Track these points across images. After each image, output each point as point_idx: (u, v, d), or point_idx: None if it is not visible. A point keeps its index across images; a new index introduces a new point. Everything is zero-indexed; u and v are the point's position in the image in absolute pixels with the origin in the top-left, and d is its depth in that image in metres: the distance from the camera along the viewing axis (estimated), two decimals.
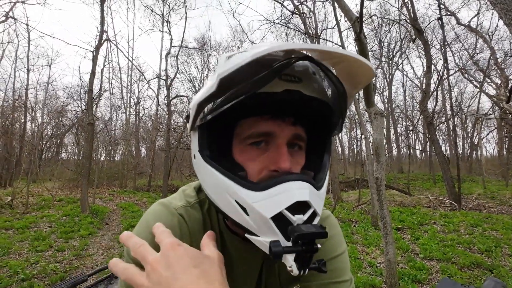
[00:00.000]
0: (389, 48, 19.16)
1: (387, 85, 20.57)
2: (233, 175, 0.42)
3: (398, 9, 9.74)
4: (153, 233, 0.48)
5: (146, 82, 15.86)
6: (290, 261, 0.38)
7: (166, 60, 13.15)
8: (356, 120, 17.25)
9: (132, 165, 15.99)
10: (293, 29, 10.14)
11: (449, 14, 10.46)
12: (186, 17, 13.27)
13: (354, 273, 3.34)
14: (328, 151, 0.51)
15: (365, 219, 6.06)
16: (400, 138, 22.31)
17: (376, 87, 18.15)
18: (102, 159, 17.29)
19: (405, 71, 21.53)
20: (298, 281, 0.61)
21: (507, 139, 14.22)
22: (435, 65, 12.00)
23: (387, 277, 2.51)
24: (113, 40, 12.42)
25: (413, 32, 8.72)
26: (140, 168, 17.31)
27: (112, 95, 18.41)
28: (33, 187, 9.95)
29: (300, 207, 0.39)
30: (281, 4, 9.34)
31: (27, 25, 12.20)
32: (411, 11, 8.05)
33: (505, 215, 6.25)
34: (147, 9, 14.70)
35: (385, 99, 20.81)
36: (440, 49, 10.74)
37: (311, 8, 10.00)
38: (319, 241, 0.58)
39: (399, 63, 19.90)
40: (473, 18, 12.03)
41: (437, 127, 14.45)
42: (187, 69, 19.49)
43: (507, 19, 3.05)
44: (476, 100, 15.87)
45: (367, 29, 16.07)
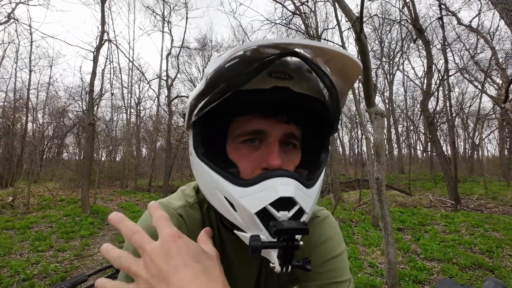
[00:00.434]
0: (390, 48, 19.15)
1: (387, 85, 20.55)
2: (224, 171, 0.42)
3: (399, 10, 9.74)
4: (153, 225, 0.48)
5: (146, 82, 15.90)
6: (273, 257, 0.38)
7: (167, 60, 13.18)
8: (356, 120, 17.24)
9: (133, 166, 16.01)
10: (294, 29, 10.14)
11: (450, 14, 10.44)
12: (187, 18, 13.30)
13: (354, 274, 3.33)
14: (325, 150, 0.51)
15: (365, 219, 6.05)
16: (401, 138, 22.28)
17: (376, 87, 18.13)
18: (103, 159, 17.31)
19: (405, 71, 21.51)
20: (297, 281, 0.61)
21: (508, 139, 14.19)
22: (436, 65, 11.98)
23: (388, 277, 2.51)
24: (113, 40, 12.45)
25: (414, 32, 8.71)
26: (141, 168, 17.33)
27: (113, 95, 18.44)
28: (34, 187, 9.97)
29: (285, 203, 0.39)
30: (282, 4, 9.35)
31: (30, 27, 12.26)
32: (412, 11, 8.04)
33: (507, 215, 6.23)
34: (147, 9, 14.73)
35: (386, 99, 20.78)
36: (441, 49, 10.71)
37: (312, 8, 9.99)
38: (316, 241, 0.59)
39: (400, 63, 19.88)
40: (474, 18, 12.08)
41: (438, 127, 14.43)
42: (188, 70, 19.50)
43: (508, 19, 3.05)
44: (477, 100, 15.84)
45: (367, 29, 16.08)
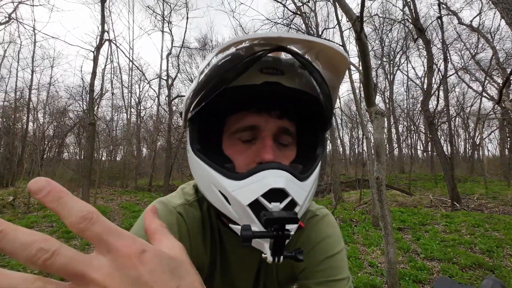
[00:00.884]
0: (391, 47, 19.13)
1: (388, 85, 20.53)
2: (219, 167, 0.43)
3: (400, 10, 9.73)
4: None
5: (147, 82, 15.91)
6: (266, 248, 0.39)
7: (167, 60, 13.19)
8: (357, 120, 17.23)
9: (133, 165, 16.03)
10: (295, 29, 10.14)
11: (451, 13, 10.42)
12: (187, 17, 13.30)
13: (354, 273, 3.33)
14: (320, 146, 0.51)
15: (366, 219, 6.05)
16: (401, 138, 22.26)
17: (377, 87, 18.10)
18: (103, 159, 17.32)
19: (404, 71, 21.48)
20: (295, 279, 0.62)
21: (509, 139, 14.17)
22: (436, 64, 11.97)
23: (388, 277, 2.51)
24: (113, 40, 12.46)
25: (414, 31, 8.70)
26: (141, 168, 17.35)
27: (113, 95, 18.45)
28: None
29: (277, 195, 0.40)
30: (283, 5, 9.35)
31: (34, 28, 12.31)
32: (413, 11, 8.03)
33: (507, 215, 6.22)
34: (148, 9, 14.73)
35: (387, 99, 20.76)
36: (441, 48, 10.70)
37: (312, 7, 9.99)
38: (315, 240, 0.59)
39: (401, 63, 19.86)
40: (475, 17, 12.03)
41: (439, 127, 14.42)
42: (189, 69, 19.46)
43: (509, 18, 3.04)
44: (478, 99, 15.82)
45: (368, 28, 16.05)
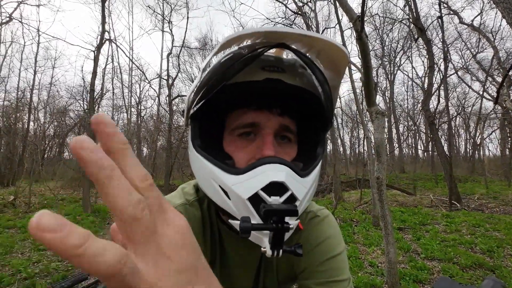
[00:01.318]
0: (391, 47, 19.10)
1: (389, 85, 20.50)
2: (218, 162, 0.43)
3: (401, 9, 9.72)
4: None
5: (147, 82, 15.90)
6: (265, 242, 0.39)
7: (167, 60, 13.19)
8: (357, 119, 17.21)
9: None
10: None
11: (452, 13, 10.40)
12: (188, 17, 13.29)
13: (355, 273, 3.33)
14: (321, 145, 0.51)
15: (366, 219, 6.04)
16: (402, 137, 22.23)
17: (377, 87, 18.08)
18: None
19: (405, 71, 21.47)
20: (296, 279, 0.62)
21: (509, 139, 14.14)
22: (437, 64, 11.95)
23: (388, 277, 2.50)
24: (114, 40, 12.46)
25: (415, 31, 8.69)
26: None
27: (114, 95, 18.46)
28: (35, 186, 10.00)
29: (276, 189, 0.40)
30: (285, 5, 9.35)
31: (38, 30, 12.37)
32: (414, 10, 8.02)
33: (508, 215, 6.20)
34: (148, 9, 14.72)
35: (387, 99, 20.74)
36: (442, 48, 10.69)
37: (313, 7, 9.97)
38: (316, 240, 0.59)
39: (401, 63, 19.83)
40: (476, 17, 11.98)
41: (439, 127, 14.40)
42: (189, 69, 19.47)
43: (510, 18, 3.03)
44: (479, 99, 15.77)
45: (369, 28, 16.02)
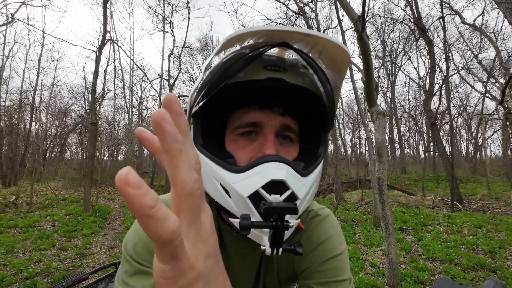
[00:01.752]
0: (393, 48, 19.07)
1: (390, 85, 20.46)
2: (220, 160, 0.44)
3: (402, 9, 9.70)
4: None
5: (148, 82, 15.92)
6: (264, 240, 0.39)
7: (168, 60, 13.21)
8: (358, 120, 17.18)
9: (135, 165, 16.05)
10: None
11: (454, 13, 10.37)
12: (188, 18, 13.31)
13: (356, 274, 3.32)
14: (323, 145, 0.51)
15: (367, 219, 6.03)
16: (403, 138, 22.18)
17: (378, 87, 18.04)
18: (105, 158, 17.41)
19: (406, 72, 21.42)
20: (296, 279, 0.61)
21: (511, 139, 14.08)
22: (438, 65, 11.92)
23: (389, 277, 2.50)
24: (115, 40, 12.50)
25: (416, 31, 8.67)
26: (143, 168, 17.39)
27: (115, 95, 18.51)
28: (37, 186, 10.03)
29: (277, 187, 0.40)
30: (286, 6, 9.36)
31: (43, 32, 12.49)
32: (415, 10, 8.00)
33: (510, 216, 6.18)
34: (150, 10, 14.76)
35: (388, 99, 20.70)
36: (443, 49, 10.67)
37: (313, 8, 9.97)
38: (317, 240, 0.59)
39: (402, 63, 19.79)
40: (477, 17, 11.91)
41: (441, 128, 14.34)
42: (190, 70, 19.52)
43: None
44: (482, 100, 15.71)
45: (370, 28, 16.02)
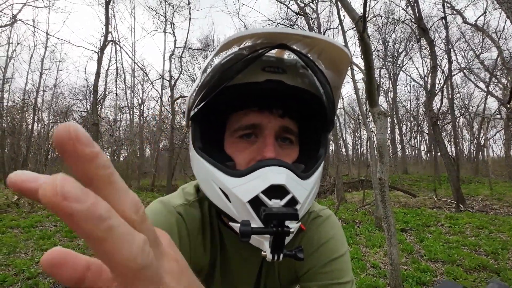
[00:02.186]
0: (394, 48, 19.03)
1: (391, 85, 20.42)
2: (219, 164, 0.43)
3: (403, 9, 9.68)
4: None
5: (150, 82, 15.96)
6: (265, 246, 0.39)
7: (170, 61, 13.25)
8: (360, 120, 17.14)
9: (136, 165, 16.10)
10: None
11: (455, 13, 10.34)
12: (190, 18, 13.35)
13: (357, 275, 3.31)
14: (323, 146, 0.51)
15: (368, 220, 6.01)
16: (405, 138, 22.11)
17: (380, 87, 18.01)
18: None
19: (408, 72, 21.36)
20: (297, 281, 0.61)
21: None
22: (439, 65, 11.89)
23: (391, 278, 2.49)
24: (117, 41, 12.55)
25: (418, 31, 8.65)
26: (144, 168, 17.43)
27: (117, 96, 18.57)
28: None
29: (277, 192, 0.40)
30: (286, 6, 9.36)
31: (47, 33, 12.58)
32: (416, 10, 7.99)
33: None
34: (151, 10, 14.81)
35: (390, 99, 20.66)
36: (445, 49, 10.63)
37: (314, 8, 9.97)
38: (318, 241, 0.59)
39: (404, 64, 19.75)
40: (479, 17, 11.87)
41: (443, 128, 14.31)
42: (191, 70, 19.53)
43: None
44: (484, 100, 15.65)
45: (371, 29, 15.99)
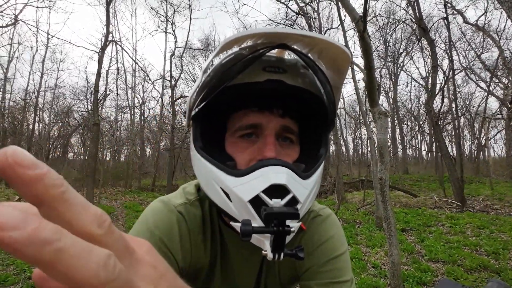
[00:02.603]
0: (395, 47, 19.01)
1: (392, 85, 20.40)
2: (220, 163, 0.44)
3: (404, 10, 9.67)
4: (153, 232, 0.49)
5: (150, 82, 16.00)
6: (266, 245, 0.39)
7: (170, 61, 13.26)
8: (360, 120, 17.12)
9: (137, 165, 16.12)
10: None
11: (456, 13, 10.32)
12: (190, 19, 13.37)
13: (358, 275, 3.31)
14: (323, 146, 0.51)
15: (369, 220, 6.01)
16: (405, 138, 22.09)
17: (380, 87, 17.99)
18: (107, 159, 17.49)
19: (408, 72, 21.33)
20: (298, 280, 0.61)
21: None
22: (439, 65, 11.87)
23: (391, 278, 2.49)
24: (118, 41, 12.57)
25: (418, 31, 8.64)
26: (144, 168, 17.45)
27: (117, 96, 18.60)
28: None
29: (278, 191, 0.40)
30: (286, 5, 9.35)
31: (48, 33, 12.64)
32: (417, 10, 7.98)
33: None
34: (151, 11, 14.83)
35: (391, 99, 20.63)
36: (445, 49, 10.62)
37: (315, 7, 9.97)
38: (318, 240, 0.59)
39: (404, 64, 19.72)
40: (480, 17, 11.86)
41: (443, 128, 14.28)
42: (192, 70, 19.54)
43: None
44: (486, 100, 15.61)
45: (372, 28, 15.98)
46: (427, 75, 16.81)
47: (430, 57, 9.40)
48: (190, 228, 0.54)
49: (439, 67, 9.91)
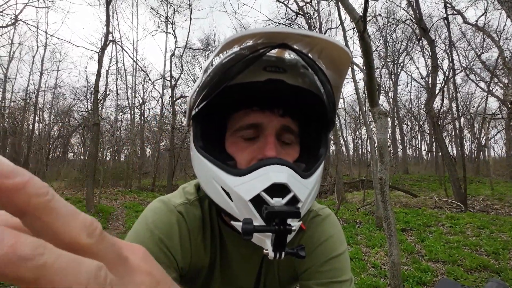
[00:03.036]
0: (395, 47, 19.00)
1: (392, 85, 20.40)
2: (221, 163, 0.44)
3: (404, 10, 9.67)
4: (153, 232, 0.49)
5: (150, 82, 16.00)
6: (267, 244, 0.39)
7: (170, 61, 13.27)
8: (360, 120, 17.12)
9: (137, 165, 16.12)
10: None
11: (456, 13, 10.32)
12: (190, 19, 13.37)
13: (358, 275, 3.31)
14: (324, 146, 0.51)
15: (369, 220, 6.01)
16: (405, 138, 22.08)
17: (381, 87, 17.99)
18: (107, 159, 17.48)
19: (409, 72, 21.33)
20: (297, 280, 0.61)
21: None
22: (439, 65, 11.87)
23: (391, 278, 2.49)
24: (118, 41, 12.58)
25: (418, 31, 8.64)
26: (145, 168, 17.45)
27: (117, 96, 18.61)
28: None
29: (279, 190, 0.40)
30: (285, 5, 9.35)
31: (46, 33, 12.65)
32: (417, 10, 7.98)
33: None
34: (152, 10, 14.84)
35: (391, 99, 20.63)
36: (446, 49, 10.62)
37: (315, 7, 9.97)
38: (317, 240, 0.59)
39: (405, 64, 19.72)
40: (480, 17, 11.86)
41: (443, 128, 14.28)
42: (192, 70, 19.55)
43: None
44: (486, 100, 15.61)
45: (372, 28, 15.98)
46: (427, 75, 16.81)
47: (430, 57, 9.40)
48: (190, 227, 0.54)
49: (439, 67, 9.92)
